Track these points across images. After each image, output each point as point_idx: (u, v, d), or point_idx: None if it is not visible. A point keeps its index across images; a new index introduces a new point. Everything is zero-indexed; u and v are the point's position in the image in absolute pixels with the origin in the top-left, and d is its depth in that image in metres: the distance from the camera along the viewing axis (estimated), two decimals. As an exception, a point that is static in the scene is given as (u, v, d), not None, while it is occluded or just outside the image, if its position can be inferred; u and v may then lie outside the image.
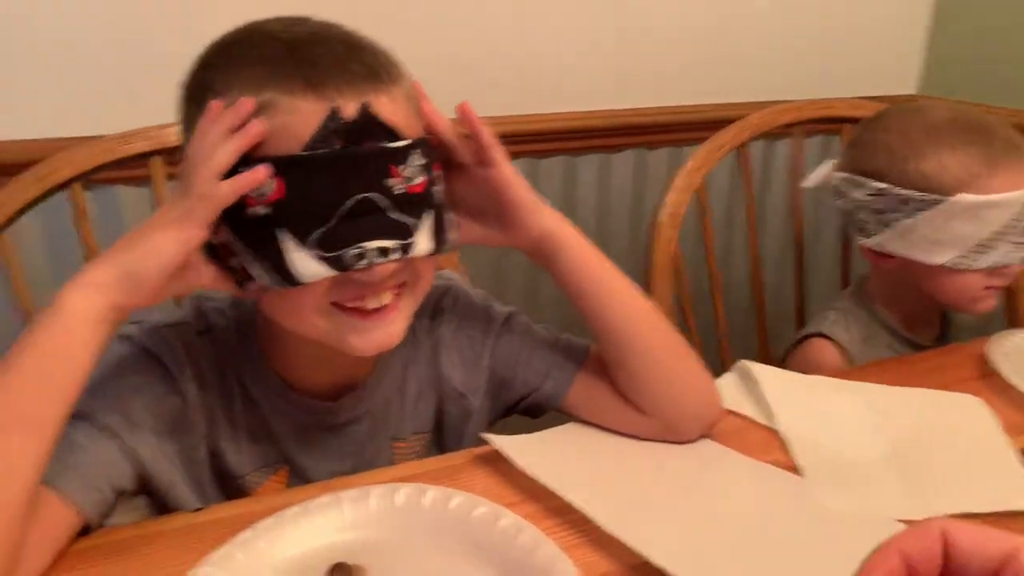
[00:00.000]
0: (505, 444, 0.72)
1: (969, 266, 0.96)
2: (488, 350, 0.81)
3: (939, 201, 0.94)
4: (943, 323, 1.15)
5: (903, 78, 1.86)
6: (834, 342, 1.06)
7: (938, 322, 1.15)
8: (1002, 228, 0.94)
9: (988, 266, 0.96)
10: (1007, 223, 0.94)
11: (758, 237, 1.27)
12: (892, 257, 1.01)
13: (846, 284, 1.27)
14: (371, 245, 0.60)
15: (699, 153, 1.15)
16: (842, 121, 1.25)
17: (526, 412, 0.83)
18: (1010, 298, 1.21)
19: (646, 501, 0.68)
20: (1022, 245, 0.96)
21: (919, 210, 0.96)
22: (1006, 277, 1.00)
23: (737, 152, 1.20)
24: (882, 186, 0.98)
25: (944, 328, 1.15)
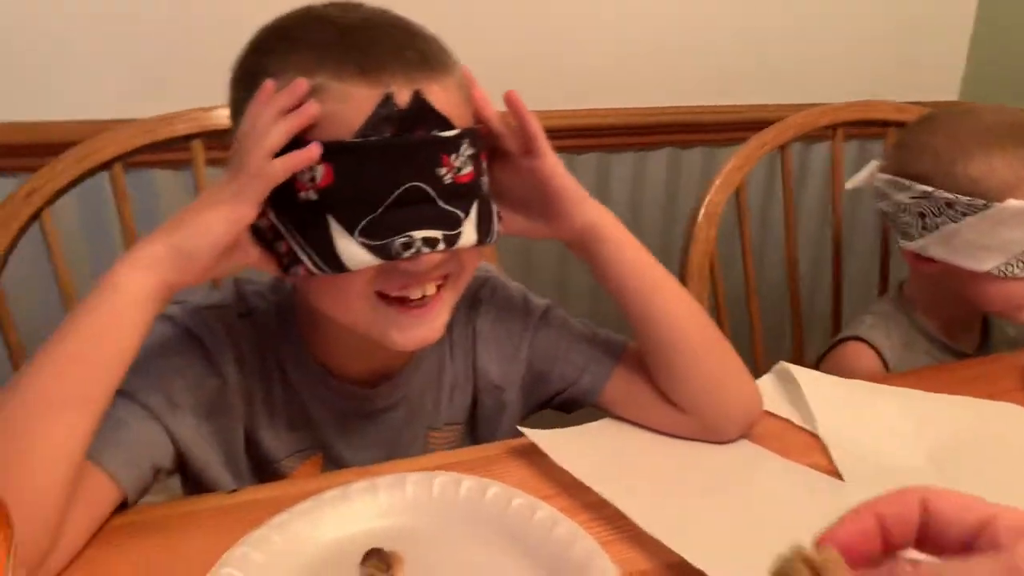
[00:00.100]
0: (541, 438, 0.71)
1: (1015, 274, 0.94)
2: (525, 343, 0.80)
3: (986, 206, 0.92)
4: (984, 331, 1.13)
5: (945, 83, 1.83)
6: (871, 347, 1.05)
7: (979, 330, 1.12)
8: (1051, 235, 0.92)
9: (1035, 274, 0.94)
10: (1057, 230, 0.92)
11: (785, 242, 1.26)
12: (934, 262, 0.99)
13: (884, 289, 1.26)
14: (418, 235, 0.60)
15: (740, 152, 1.13)
16: (885, 124, 1.23)
17: (561, 407, 0.82)
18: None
19: (683, 500, 0.67)
20: (1071, 253, 0.94)
21: (965, 214, 0.94)
22: None
23: (775, 153, 1.19)
24: (927, 189, 0.97)
25: (985, 336, 1.13)
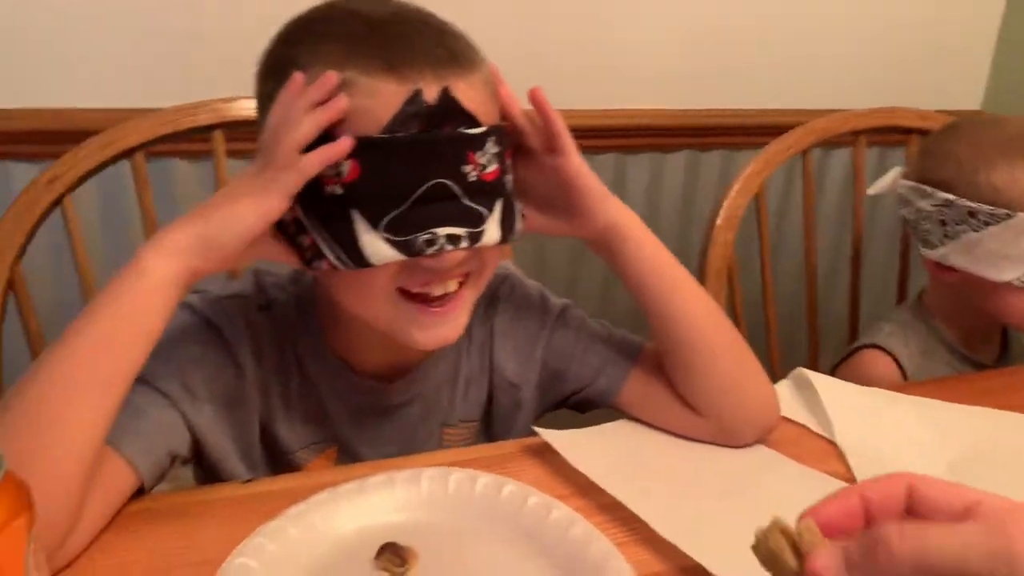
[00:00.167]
0: (556, 438, 0.71)
1: (1037, 285, 0.93)
2: (542, 342, 0.80)
3: (1008, 216, 0.92)
4: (1004, 342, 1.12)
5: (968, 93, 1.82)
6: (889, 355, 1.04)
7: (999, 341, 1.12)
8: (1075, 247, 0.92)
9: (1058, 286, 0.93)
10: (1080, 242, 0.91)
11: (804, 247, 1.25)
12: (955, 271, 0.99)
13: (902, 297, 1.25)
14: (442, 231, 0.60)
15: (761, 156, 1.13)
16: (908, 131, 1.23)
17: (576, 406, 0.82)
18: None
19: (698, 503, 0.67)
20: (1095, 266, 0.93)
21: (987, 224, 0.93)
22: None
23: (794, 158, 1.18)
24: (949, 197, 0.96)
25: (1005, 348, 1.12)
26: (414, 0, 0.65)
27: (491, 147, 0.62)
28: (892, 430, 0.79)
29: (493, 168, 0.62)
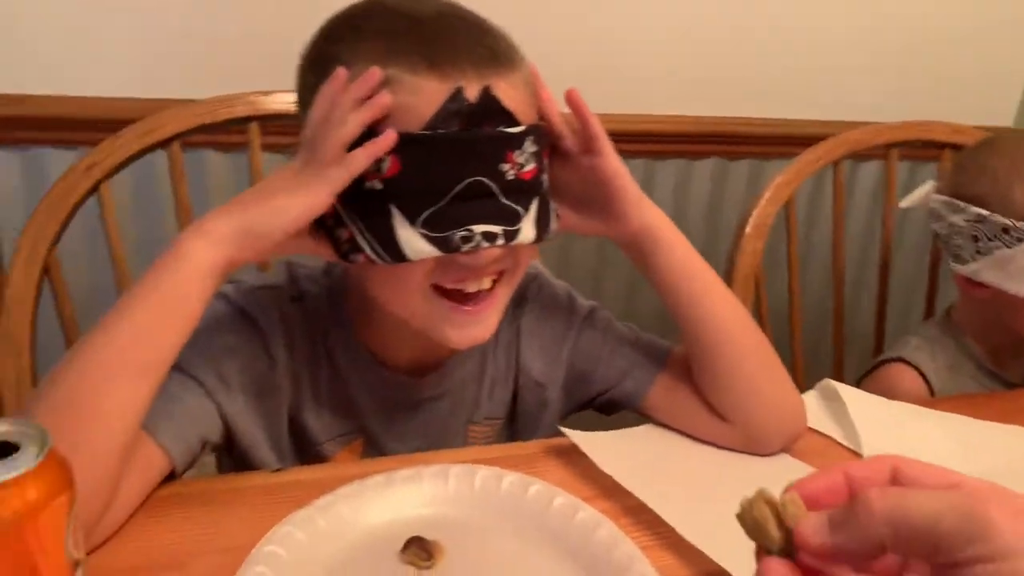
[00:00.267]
0: (582, 439, 0.71)
1: (1070, 305, 0.92)
2: (569, 343, 0.81)
3: (1043, 233, 0.91)
4: (1033, 360, 1.11)
5: (1000, 110, 1.80)
6: (916, 370, 1.03)
7: (1029, 359, 1.10)
8: (1110, 267, 0.91)
9: (1091, 306, 0.92)
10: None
11: (832, 259, 1.25)
12: (985, 287, 0.98)
13: (930, 312, 1.24)
14: (479, 229, 0.60)
15: (792, 166, 1.12)
16: (941, 146, 1.22)
17: (602, 408, 0.82)
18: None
19: (722, 509, 0.66)
20: None
21: (1020, 240, 0.93)
22: None
23: (824, 170, 1.17)
24: (982, 212, 0.95)
25: (1034, 366, 1.11)
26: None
27: (529, 146, 0.62)
28: (919, 444, 0.78)
29: (531, 167, 0.63)
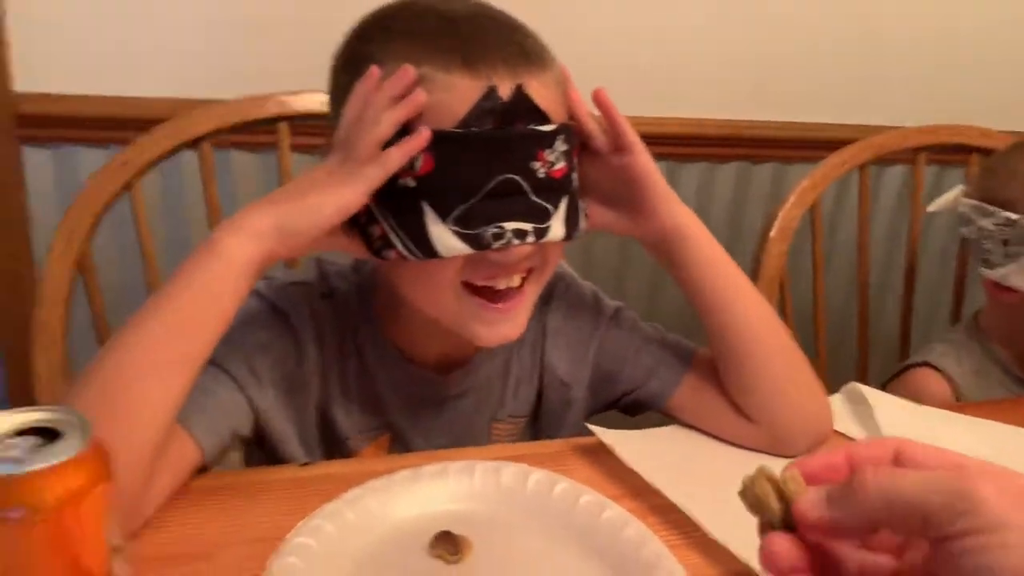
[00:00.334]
0: (610, 437, 0.71)
1: (1100, 311, 0.91)
2: (595, 342, 0.81)
3: (1074, 239, 0.90)
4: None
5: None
6: (942, 374, 1.03)
7: (1057, 366, 1.09)
8: None
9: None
10: None
11: (857, 262, 1.24)
12: (1014, 291, 0.97)
13: (956, 317, 1.23)
14: (510, 226, 0.61)
15: (817, 170, 1.12)
16: (970, 150, 1.21)
17: (627, 409, 0.82)
18: None
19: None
20: None
21: (1050, 245, 0.92)
22: None
23: (849, 173, 1.16)
24: (1012, 216, 0.94)
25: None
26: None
27: (560, 145, 0.63)
28: (946, 448, 0.78)
29: (561, 165, 0.63)
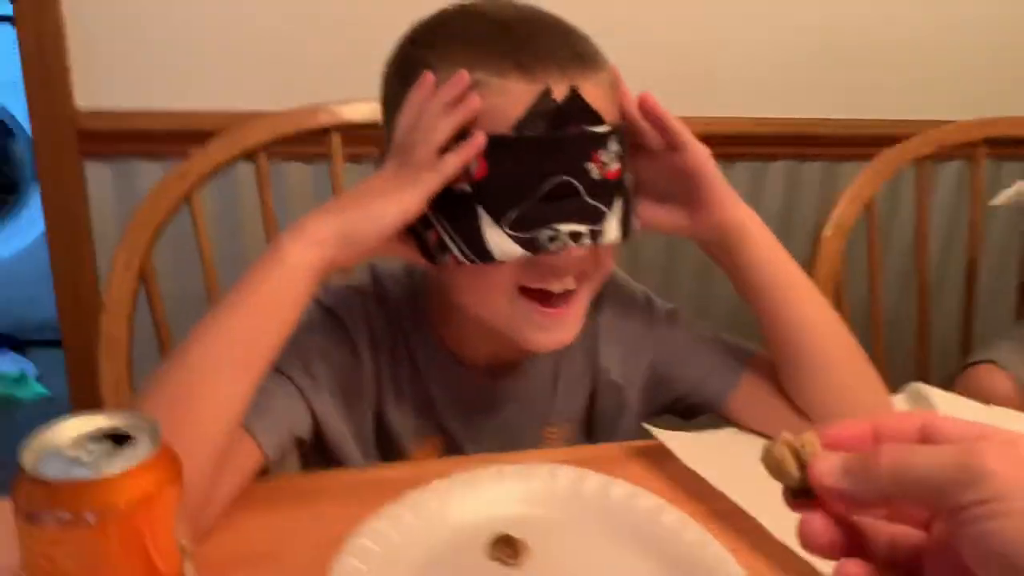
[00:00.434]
0: (669, 438, 0.70)
1: None
2: (649, 345, 0.80)
3: None
4: None
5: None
6: (1007, 372, 1.00)
7: None
8: None
9: None
10: None
11: (912, 260, 1.21)
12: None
13: (1021, 314, 1.20)
14: (565, 228, 0.61)
15: (872, 166, 1.10)
16: (1033, 142, 1.17)
17: (683, 412, 0.81)
18: None
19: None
20: None
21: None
22: None
23: (902, 170, 1.14)
24: (1081, 211, 0.91)
25: None
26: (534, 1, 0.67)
27: (613, 146, 0.62)
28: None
29: (615, 167, 0.63)
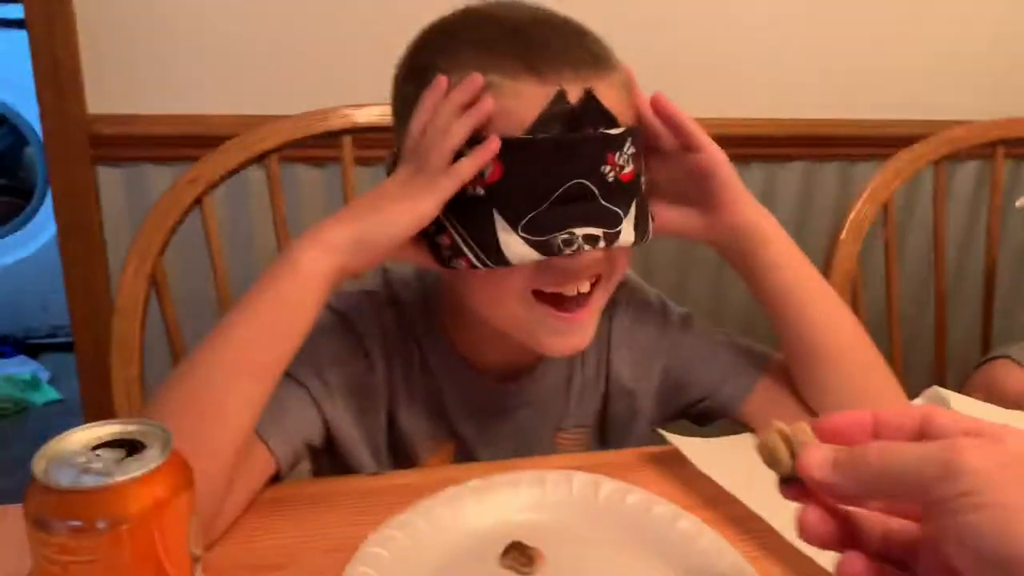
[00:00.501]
0: (685, 444, 0.69)
1: None
2: (663, 350, 0.79)
3: None
4: None
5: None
6: (1022, 367, 0.98)
7: None
8: None
9: None
10: None
11: (929, 262, 1.19)
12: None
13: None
14: (580, 231, 0.60)
15: (889, 167, 1.08)
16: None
17: (697, 417, 0.80)
18: None
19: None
20: None
21: None
22: None
23: (919, 170, 1.12)
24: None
25: None
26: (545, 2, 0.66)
27: (628, 148, 0.62)
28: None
29: (630, 169, 0.62)
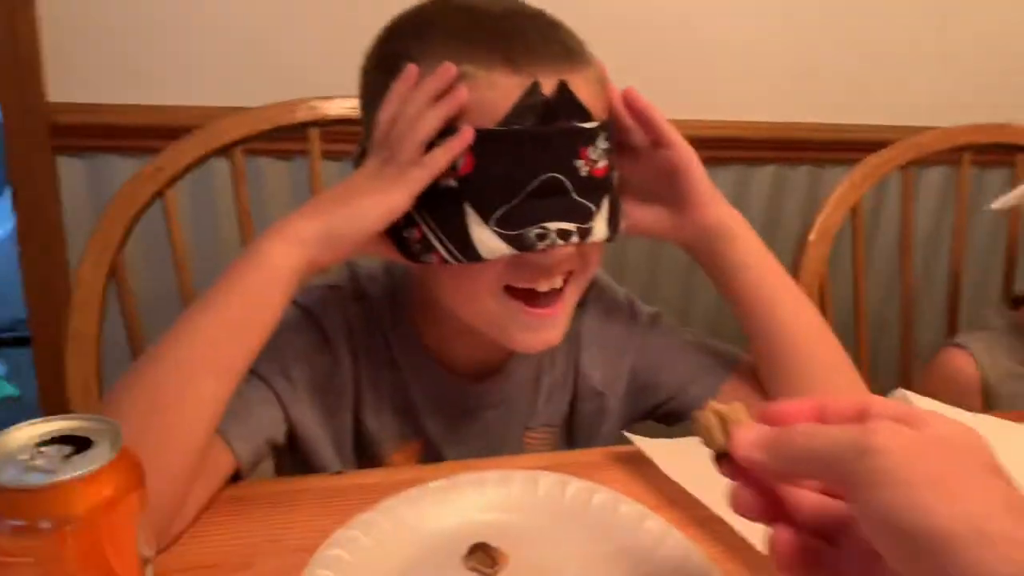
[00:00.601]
0: (648, 445, 0.69)
1: None
2: (632, 349, 0.79)
3: None
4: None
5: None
6: (968, 353, 1.03)
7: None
8: None
9: None
10: None
11: (896, 264, 1.20)
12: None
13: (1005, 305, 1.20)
14: (553, 226, 0.59)
15: (858, 171, 1.09)
16: (1019, 149, 1.17)
17: (665, 418, 0.79)
18: None
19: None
20: None
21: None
22: None
23: (886, 175, 1.13)
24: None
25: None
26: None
27: (601, 142, 0.61)
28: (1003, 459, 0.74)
29: (603, 164, 0.62)
